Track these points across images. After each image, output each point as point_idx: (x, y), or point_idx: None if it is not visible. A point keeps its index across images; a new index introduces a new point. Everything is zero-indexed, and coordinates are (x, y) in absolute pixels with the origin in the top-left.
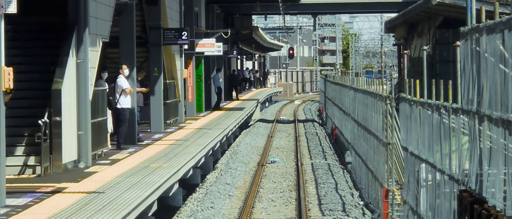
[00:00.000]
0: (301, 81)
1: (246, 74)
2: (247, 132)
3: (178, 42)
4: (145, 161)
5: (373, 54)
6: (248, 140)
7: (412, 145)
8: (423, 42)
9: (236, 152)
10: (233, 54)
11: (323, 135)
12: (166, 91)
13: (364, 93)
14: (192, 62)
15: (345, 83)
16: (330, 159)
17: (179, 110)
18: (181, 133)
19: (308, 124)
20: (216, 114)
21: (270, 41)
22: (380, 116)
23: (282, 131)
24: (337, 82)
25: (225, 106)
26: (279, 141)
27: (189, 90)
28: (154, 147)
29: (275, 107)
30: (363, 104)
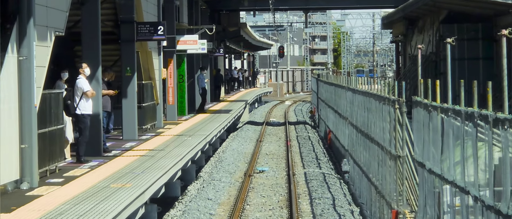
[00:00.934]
0: (291, 80)
1: (234, 73)
2: (235, 136)
3: (154, 38)
4: (106, 179)
5: (364, 53)
6: (235, 145)
7: (430, 161)
8: (425, 38)
9: (221, 159)
10: (220, 53)
11: (316, 139)
12: (142, 93)
13: (365, 95)
14: (173, 60)
15: (340, 83)
16: (325, 167)
17: (157, 114)
18: (157, 141)
19: (300, 127)
20: (200, 117)
21: (259, 39)
22: (386, 123)
23: (272, 135)
24: (331, 82)
25: (210, 108)
26: (269, 146)
27: (170, 92)
28: (122, 159)
29: (264, 108)
30: (364, 107)
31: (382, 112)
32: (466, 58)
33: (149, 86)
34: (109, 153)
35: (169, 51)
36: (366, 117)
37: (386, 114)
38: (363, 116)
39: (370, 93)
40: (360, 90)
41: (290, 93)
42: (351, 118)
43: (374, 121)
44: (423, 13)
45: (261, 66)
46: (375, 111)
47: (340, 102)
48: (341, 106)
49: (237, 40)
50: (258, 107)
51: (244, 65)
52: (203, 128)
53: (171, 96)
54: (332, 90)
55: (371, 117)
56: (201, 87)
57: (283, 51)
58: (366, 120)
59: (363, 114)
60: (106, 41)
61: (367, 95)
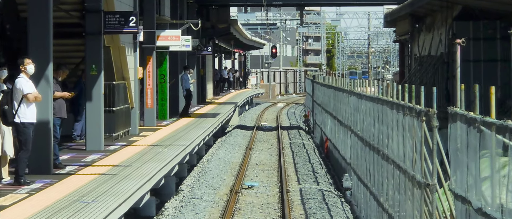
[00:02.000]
0: (284, 82)
1: (224, 74)
2: (222, 142)
3: (124, 31)
4: (41, 212)
5: (358, 54)
6: (222, 154)
7: (477, 195)
8: (434, 37)
9: (205, 170)
10: (208, 51)
11: (311, 147)
12: (113, 95)
13: (377, 102)
14: (153, 58)
15: (341, 86)
16: (323, 182)
17: (131, 119)
18: (127, 153)
19: (293, 132)
20: (182, 122)
21: (251, 38)
22: (408, 140)
23: (263, 141)
24: (330, 85)
25: (196, 112)
26: (259, 155)
27: (148, 94)
28: (75, 179)
29: (256, 110)
30: (374, 117)
31: (403, 125)
32: (482, 60)
33: (121, 87)
34: (62, 170)
35: (148, 47)
36: (377, 128)
37: (408, 127)
38: (373, 126)
39: (385, 100)
40: (370, 96)
41: (283, 95)
42: (355, 127)
43: (389, 135)
44: (433, 9)
45: (252, 67)
46: (392, 123)
47: (341, 107)
48: (341, 112)
49: (227, 38)
50: (249, 110)
51: (235, 65)
52: (184, 136)
53: (150, 99)
54: (330, 93)
55: (385, 129)
56: (185, 89)
57: (276, 51)
58: (376, 133)
59: (372, 125)
60: (72, 34)
61: (380, 102)
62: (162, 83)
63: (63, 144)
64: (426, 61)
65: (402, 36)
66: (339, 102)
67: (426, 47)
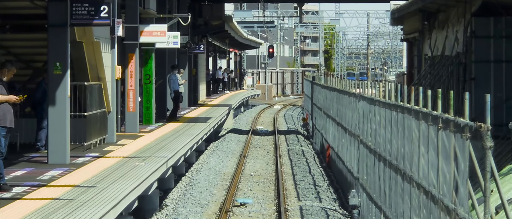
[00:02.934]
0: (281, 83)
1: (219, 74)
2: (215, 148)
3: (94, 22)
4: None
5: (356, 55)
6: (213, 162)
7: None
8: (448, 35)
9: (193, 183)
10: (200, 50)
11: (311, 154)
12: (85, 98)
13: (397, 110)
14: (135, 56)
15: (347, 88)
16: (326, 198)
17: (108, 125)
18: (95, 168)
19: (291, 137)
20: (169, 127)
21: (247, 36)
22: (443, 160)
23: (259, 148)
24: (332, 87)
25: (185, 115)
26: (254, 163)
27: (130, 96)
28: (16, 207)
29: (251, 112)
30: (393, 127)
31: (435, 141)
32: (505, 60)
33: (96, 88)
34: (7, 192)
35: (130, 44)
36: (397, 142)
37: (444, 145)
38: (390, 139)
39: (408, 108)
40: (386, 102)
41: (280, 96)
42: (365, 137)
43: (414, 152)
44: (447, 4)
45: (249, 67)
46: (418, 137)
47: (346, 113)
48: (346, 118)
49: (221, 36)
50: (245, 112)
51: (230, 65)
52: (168, 146)
53: (132, 102)
54: (332, 96)
55: (407, 144)
56: (173, 90)
57: (273, 50)
58: (395, 147)
59: (389, 137)
60: (38, 27)
61: (401, 110)
62: (147, 84)
63: (24, 155)
64: (440, 62)
65: (410, 35)
66: (344, 107)
67: (439, 47)
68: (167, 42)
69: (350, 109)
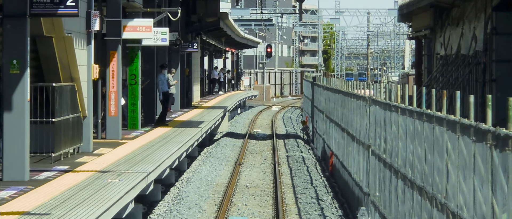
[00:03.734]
0: (279, 83)
1: (215, 74)
2: (208, 154)
3: (59, 12)
4: None
5: (355, 55)
6: (205, 171)
7: None
8: (465, 32)
9: (181, 196)
10: (193, 48)
11: (312, 162)
12: (53, 101)
13: (423, 119)
14: (117, 54)
15: (354, 91)
16: (330, 214)
17: (83, 132)
18: (58, 187)
19: (291, 142)
20: (157, 133)
21: (244, 35)
22: (488, 184)
23: (256, 154)
24: (336, 89)
25: (177, 119)
26: (251, 172)
27: (111, 98)
28: None
29: (248, 114)
30: (416, 139)
31: (472, 158)
32: None
33: (67, 90)
34: None
35: (112, 40)
36: (423, 158)
37: (487, 164)
38: (411, 152)
39: (438, 117)
40: (408, 108)
41: (278, 97)
42: (377, 147)
43: (446, 172)
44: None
45: (246, 67)
46: (450, 153)
47: (353, 118)
48: (354, 124)
49: (217, 35)
50: (241, 113)
51: (226, 64)
52: (151, 156)
53: (113, 105)
54: (337, 99)
55: (436, 160)
56: (161, 92)
57: (271, 50)
58: (419, 163)
59: (410, 149)
60: None
61: (428, 120)
62: (133, 85)
63: None
64: (454, 62)
65: (419, 32)
66: (351, 111)
67: (453, 45)
68: (155, 39)
69: (359, 114)
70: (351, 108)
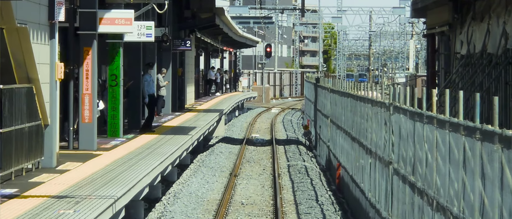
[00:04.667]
0: (279, 84)
1: (211, 74)
2: (201, 163)
3: None
4: None
5: (356, 56)
6: (195, 184)
7: None
8: (492, 28)
9: (166, 216)
10: (186, 46)
11: (315, 172)
12: (2, 108)
13: (483, 138)
14: (92, 51)
15: (369, 95)
16: None
17: (45, 143)
18: None
19: (292, 149)
20: (140, 141)
21: (243, 33)
22: None
23: (253, 163)
24: (346, 93)
25: (166, 124)
26: (247, 185)
27: (85, 102)
28: None
29: (246, 117)
30: (468, 165)
31: None
32: None
33: (22, 94)
34: None
35: (85, 35)
36: (485, 192)
37: None
38: (464, 182)
39: None
40: (458, 123)
41: (277, 98)
42: (402, 166)
43: None
44: None
45: (244, 67)
46: None
47: (366, 126)
48: (368, 134)
49: (213, 32)
50: (239, 116)
51: (224, 64)
52: (125, 174)
53: (88, 110)
54: (345, 103)
55: None
56: (147, 94)
57: (271, 50)
58: (481, 199)
59: (465, 178)
60: None
61: (493, 139)
62: (114, 87)
63: None
64: (478, 62)
65: (434, 29)
66: (364, 118)
67: (477, 43)
68: (139, 34)
69: (376, 122)
70: (365, 115)
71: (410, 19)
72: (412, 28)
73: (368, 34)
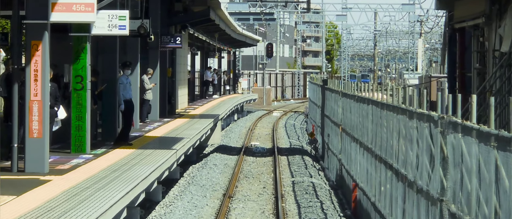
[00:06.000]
0: (281, 85)
1: (208, 75)
2: (191, 179)
3: None
4: None
5: (359, 57)
6: (181, 210)
7: None
8: None
9: None
10: (176, 43)
11: (325, 191)
12: None
13: None
14: (43, 46)
15: (404, 104)
16: None
17: None
18: None
19: (296, 160)
20: (109, 159)
21: (242, 31)
22: None
23: (252, 179)
24: (366, 99)
25: (149, 133)
26: (244, 210)
27: (33, 111)
28: None
29: (246, 121)
30: None
31: None
32: None
33: None
34: None
35: (34, 25)
36: None
37: None
38: None
39: None
40: None
41: (279, 101)
42: (465, 210)
43: None
44: None
45: (244, 68)
46: None
47: (396, 143)
48: (399, 153)
49: (209, 29)
50: (238, 120)
51: (222, 65)
52: (70, 213)
53: (37, 122)
54: (364, 111)
55: None
56: (124, 99)
57: (272, 49)
58: None
59: None
60: None
61: None
62: (79, 91)
63: None
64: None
65: (464, 22)
66: (393, 134)
67: None
68: (110, 26)
69: (414, 142)
70: (396, 130)
71: (419, 16)
72: (421, 27)
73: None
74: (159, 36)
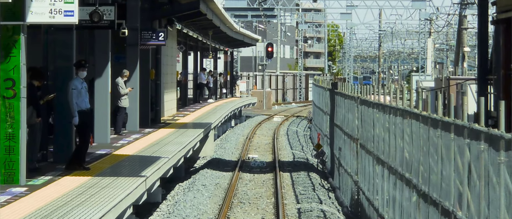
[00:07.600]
0: (281, 88)
1: (202, 77)
2: (172, 208)
3: None
4: None
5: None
6: None
7: None
8: None
9: None
10: (159, 40)
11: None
12: None
13: None
14: None
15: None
16: None
17: None
18: None
19: (301, 179)
20: (49, 195)
21: (239, 29)
22: None
23: (248, 206)
24: (407, 111)
25: (120, 150)
26: None
27: None
28: None
29: (243, 128)
30: None
31: None
32: None
33: None
34: None
35: None
36: None
37: None
38: None
39: None
40: None
41: (280, 104)
42: None
43: None
44: None
45: (243, 69)
46: None
47: (455, 176)
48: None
49: (201, 25)
50: (235, 127)
51: (218, 66)
52: None
53: None
54: (399, 129)
55: None
56: (78, 110)
57: (272, 50)
58: None
59: None
60: None
61: None
62: (10, 99)
63: None
64: None
65: (511, 12)
66: (451, 163)
67: None
68: (52, 12)
69: (487, 177)
70: (460, 159)
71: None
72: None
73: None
74: (139, 31)
